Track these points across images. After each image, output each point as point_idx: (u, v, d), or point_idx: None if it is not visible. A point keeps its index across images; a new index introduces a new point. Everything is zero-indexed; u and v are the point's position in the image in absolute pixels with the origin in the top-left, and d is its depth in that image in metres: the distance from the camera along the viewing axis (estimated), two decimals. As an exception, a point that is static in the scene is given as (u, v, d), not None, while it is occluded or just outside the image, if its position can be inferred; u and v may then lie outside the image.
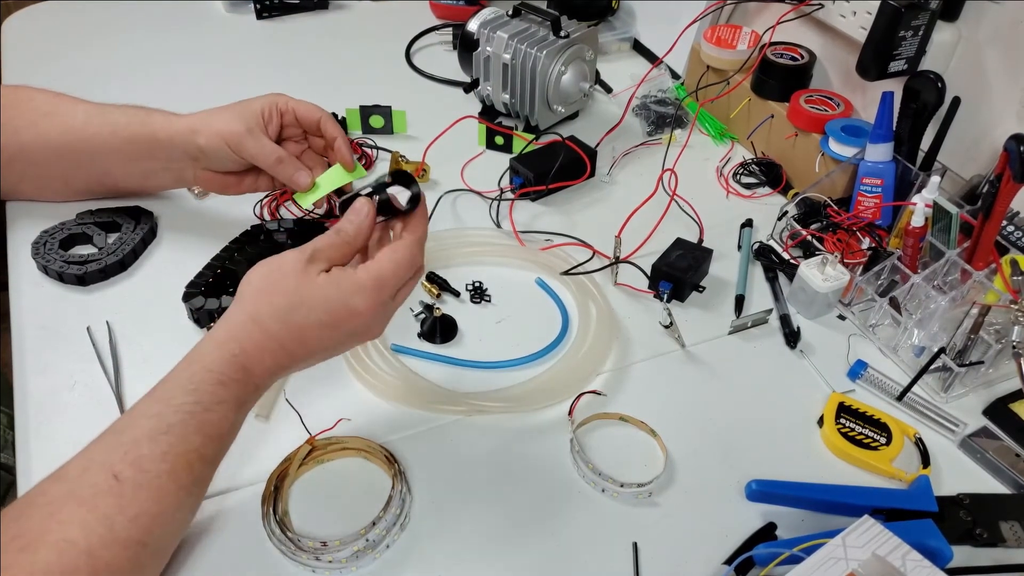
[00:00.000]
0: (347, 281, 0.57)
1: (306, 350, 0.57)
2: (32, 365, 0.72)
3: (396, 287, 0.59)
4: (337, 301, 0.56)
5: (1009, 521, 0.62)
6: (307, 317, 0.56)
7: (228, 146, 0.76)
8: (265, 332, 0.56)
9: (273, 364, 0.57)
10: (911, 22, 0.81)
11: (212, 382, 0.54)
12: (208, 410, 0.53)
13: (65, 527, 0.47)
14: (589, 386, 0.72)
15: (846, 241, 0.84)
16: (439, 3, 1.30)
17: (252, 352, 0.56)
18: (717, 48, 1.02)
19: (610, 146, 1.04)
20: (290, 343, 0.56)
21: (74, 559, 0.46)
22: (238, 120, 0.76)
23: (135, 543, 0.49)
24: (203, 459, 0.53)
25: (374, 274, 0.58)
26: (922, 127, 0.85)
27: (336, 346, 0.60)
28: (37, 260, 0.79)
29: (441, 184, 0.96)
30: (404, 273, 0.59)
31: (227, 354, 0.55)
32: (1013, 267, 0.74)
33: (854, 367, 0.74)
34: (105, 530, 0.48)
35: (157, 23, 1.28)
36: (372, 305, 0.57)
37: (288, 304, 0.56)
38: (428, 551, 0.60)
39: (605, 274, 0.83)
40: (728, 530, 0.62)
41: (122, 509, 0.49)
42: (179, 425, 0.52)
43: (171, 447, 0.51)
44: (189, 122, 0.78)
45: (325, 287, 0.57)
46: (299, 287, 0.56)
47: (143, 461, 0.50)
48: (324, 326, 0.57)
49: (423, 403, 0.70)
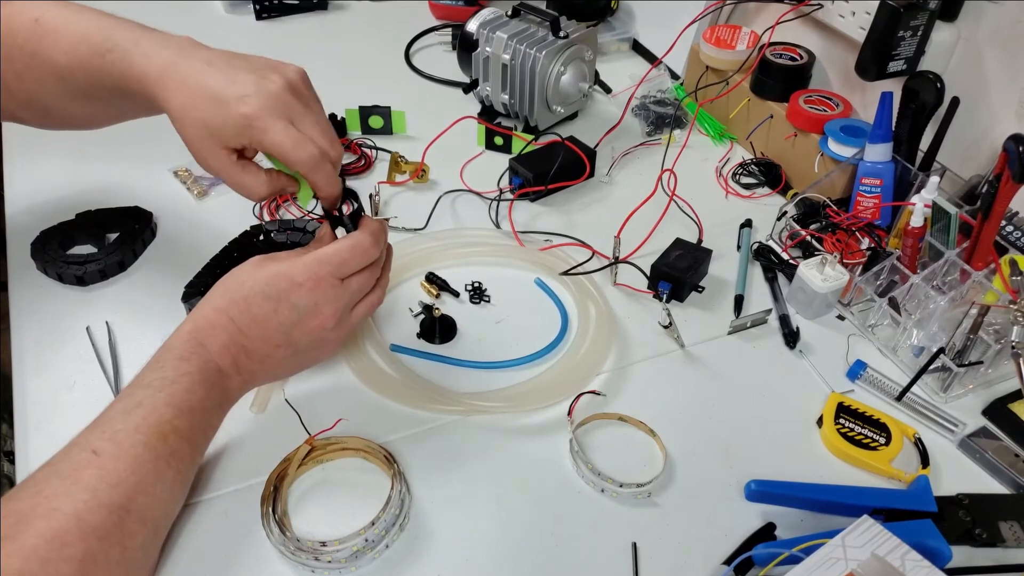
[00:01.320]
0: (288, 258, 0.61)
1: (258, 328, 0.60)
2: (32, 365, 0.72)
3: (339, 268, 0.61)
4: (277, 273, 0.60)
5: (1008, 521, 0.62)
6: (252, 289, 0.60)
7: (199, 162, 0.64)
8: (215, 308, 0.60)
9: (227, 339, 0.60)
10: (910, 22, 0.81)
11: (173, 357, 0.58)
12: (174, 383, 0.56)
13: (51, 499, 0.50)
14: (588, 386, 0.72)
15: (845, 241, 0.84)
16: (438, 3, 1.30)
17: (204, 328, 0.59)
18: (716, 48, 1.02)
19: (609, 146, 1.04)
20: (238, 316, 0.60)
21: (63, 523, 0.49)
22: (211, 152, 0.62)
23: (118, 508, 0.51)
24: (177, 431, 0.55)
25: (317, 252, 0.61)
26: (921, 127, 0.85)
27: (290, 328, 0.60)
28: (37, 260, 0.79)
29: (440, 184, 0.96)
30: (348, 256, 0.61)
31: (184, 332, 0.59)
32: (1012, 267, 0.74)
33: (853, 367, 0.75)
34: (89, 495, 0.50)
35: (156, 23, 1.26)
36: (310, 275, 0.60)
37: (236, 282, 0.61)
38: (427, 551, 0.60)
39: (604, 274, 0.83)
40: (727, 530, 0.62)
41: (103, 478, 0.51)
42: (148, 399, 0.55)
43: (143, 420, 0.54)
44: (169, 102, 0.62)
45: (269, 266, 0.61)
46: (248, 270, 0.61)
47: (118, 435, 0.53)
48: (266, 298, 0.60)
49: (422, 403, 0.70)
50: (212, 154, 0.62)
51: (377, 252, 0.63)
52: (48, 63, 0.67)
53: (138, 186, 0.90)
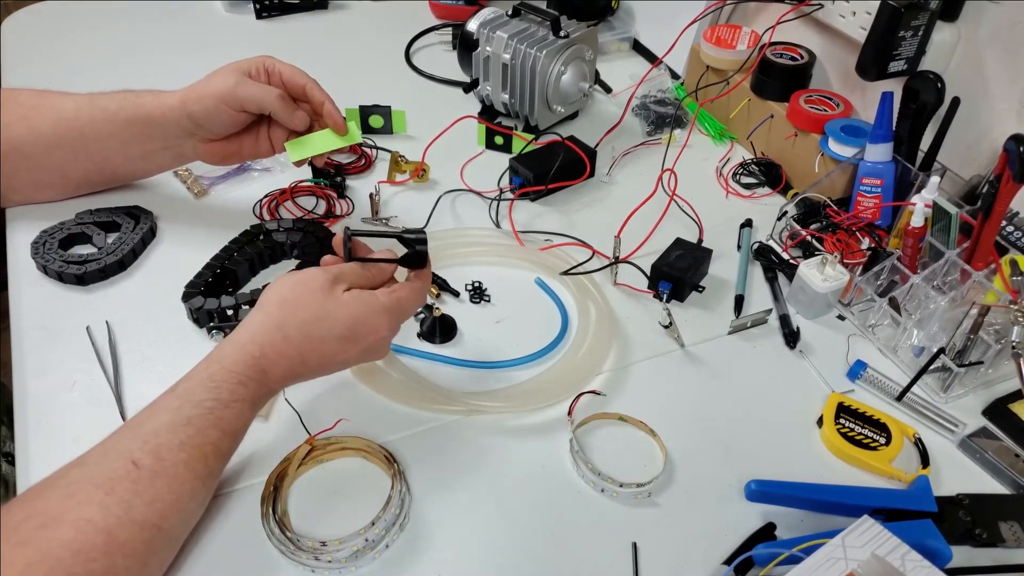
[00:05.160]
0: (372, 300, 0.61)
1: (320, 361, 0.61)
2: (32, 365, 0.72)
3: (409, 314, 0.65)
4: (361, 317, 0.60)
5: (1008, 521, 0.62)
6: (330, 330, 0.60)
7: (224, 103, 0.76)
8: (287, 340, 0.59)
9: (288, 371, 0.60)
10: (911, 22, 0.81)
11: (233, 381, 0.57)
12: (227, 407, 0.56)
13: (83, 507, 0.49)
14: (588, 386, 0.72)
15: (845, 241, 0.84)
16: (439, 3, 1.30)
17: (272, 357, 0.59)
18: (717, 48, 1.02)
19: (610, 146, 1.04)
20: (309, 353, 0.60)
21: (92, 537, 0.48)
22: (229, 76, 0.76)
23: (151, 526, 0.51)
24: (217, 452, 0.56)
25: (395, 298, 0.63)
26: (922, 127, 0.85)
27: (347, 361, 0.63)
28: (37, 260, 0.79)
29: (441, 184, 0.96)
30: (417, 303, 0.66)
31: (248, 356, 0.58)
32: (1012, 267, 0.74)
33: (853, 367, 0.74)
34: (123, 511, 0.50)
35: (157, 23, 1.28)
36: (390, 325, 0.63)
37: (313, 316, 0.59)
38: (427, 551, 0.60)
39: (605, 274, 0.83)
40: (727, 530, 0.62)
41: (139, 493, 0.51)
42: (198, 419, 0.55)
43: (189, 439, 0.54)
44: (180, 96, 0.78)
45: (350, 304, 0.60)
46: (324, 302, 0.60)
47: (161, 450, 0.53)
48: (343, 340, 0.60)
49: (423, 403, 0.70)
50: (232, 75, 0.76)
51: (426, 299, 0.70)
52: (50, 111, 0.79)
53: (138, 186, 0.90)
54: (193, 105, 0.77)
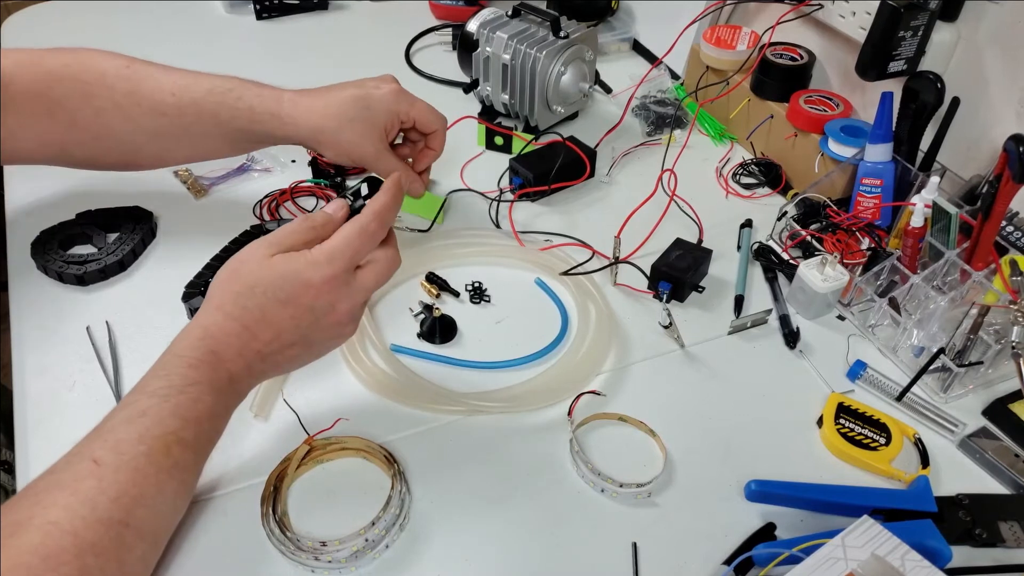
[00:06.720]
0: (300, 258, 0.58)
1: (274, 333, 0.58)
2: (32, 365, 0.72)
3: (351, 259, 0.59)
4: (290, 275, 0.58)
5: (1008, 521, 0.62)
6: (264, 294, 0.58)
7: (353, 163, 0.80)
8: (228, 316, 0.58)
9: (241, 346, 0.58)
10: (910, 22, 0.81)
11: (182, 365, 0.56)
12: (181, 392, 0.54)
13: (48, 510, 0.48)
14: (588, 386, 0.72)
15: (845, 241, 0.84)
16: (439, 3, 1.30)
17: (217, 335, 0.57)
18: (717, 48, 1.02)
19: (610, 146, 1.04)
20: (253, 324, 0.58)
21: (59, 540, 0.47)
22: (366, 140, 0.76)
23: (117, 523, 0.50)
24: (181, 443, 0.54)
25: (325, 248, 0.59)
26: (921, 127, 0.85)
27: (307, 329, 0.59)
28: (37, 260, 0.79)
29: (441, 184, 0.96)
30: (357, 244, 0.59)
31: (193, 338, 0.57)
32: (1012, 267, 0.74)
33: (853, 367, 0.74)
34: (88, 511, 0.49)
35: (157, 23, 1.28)
36: (325, 277, 0.58)
37: (244, 287, 0.58)
38: (427, 551, 0.60)
39: (604, 274, 0.83)
40: (727, 530, 0.62)
41: (103, 491, 0.50)
42: (153, 408, 0.53)
43: (147, 430, 0.52)
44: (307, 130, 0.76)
45: (278, 265, 0.58)
46: (255, 270, 0.58)
47: (120, 445, 0.52)
48: (281, 303, 0.58)
49: (422, 403, 0.70)
50: (370, 140, 0.76)
51: (384, 232, 0.62)
52: (148, 102, 0.75)
53: (138, 186, 0.90)
54: (326, 150, 0.78)
